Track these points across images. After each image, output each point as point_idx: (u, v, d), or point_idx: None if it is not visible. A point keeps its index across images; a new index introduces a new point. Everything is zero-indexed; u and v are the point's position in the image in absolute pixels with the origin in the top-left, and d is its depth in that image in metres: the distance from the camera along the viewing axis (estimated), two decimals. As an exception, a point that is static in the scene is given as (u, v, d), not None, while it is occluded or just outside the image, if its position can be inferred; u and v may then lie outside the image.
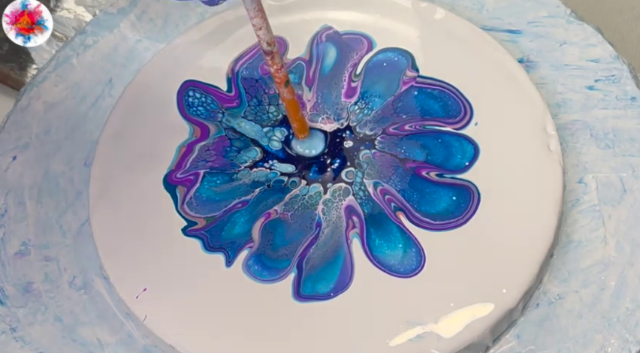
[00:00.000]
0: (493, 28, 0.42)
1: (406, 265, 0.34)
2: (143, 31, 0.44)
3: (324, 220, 0.36)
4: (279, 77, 0.36)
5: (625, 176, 0.37)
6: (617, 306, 0.34)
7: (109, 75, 0.43)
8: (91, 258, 0.37)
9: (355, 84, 0.40)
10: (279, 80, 0.36)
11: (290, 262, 0.35)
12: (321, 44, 0.42)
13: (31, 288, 0.37)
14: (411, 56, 0.40)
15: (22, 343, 0.35)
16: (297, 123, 0.38)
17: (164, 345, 0.34)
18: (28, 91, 0.42)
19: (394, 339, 0.33)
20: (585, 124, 0.39)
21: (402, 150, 0.38)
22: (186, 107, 0.40)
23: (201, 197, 0.37)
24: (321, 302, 0.34)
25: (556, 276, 0.35)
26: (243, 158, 0.39)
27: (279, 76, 0.36)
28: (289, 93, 0.37)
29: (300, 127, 0.38)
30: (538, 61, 0.41)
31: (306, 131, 0.39)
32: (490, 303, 0.33)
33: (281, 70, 0.36)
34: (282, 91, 0.36)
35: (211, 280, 0.35)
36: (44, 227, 0.38)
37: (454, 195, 0.36)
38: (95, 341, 0.35)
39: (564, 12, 0.42)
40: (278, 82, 0.36)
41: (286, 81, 0.36)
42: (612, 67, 0.40)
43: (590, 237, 0.36)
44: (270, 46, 0.34)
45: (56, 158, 0.40)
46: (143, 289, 0.35)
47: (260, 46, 0.35)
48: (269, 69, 0.36)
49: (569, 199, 0.37)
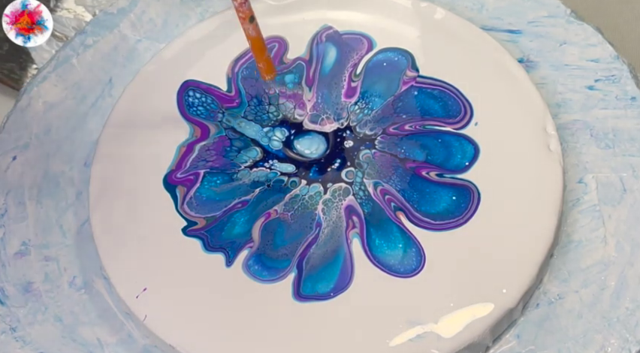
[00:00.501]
0: (493, 28, 0.42)
1: (406, 265, 0.34)
2: (143, 31, 0.44)
3: (324, 220, 0.36)
4: (243, 11, 0.34)
5: (625, 176, 0.37)
6: (617, 306, 0.34)
7: (109, 75, 0.43)
8: (91, 258, 0.37)
9: (355, 84, 0.40)
10: (243, 15, 0.34)
11: (290, 262, 0.35)
12: (321, 44, 0.42)
13: (31, 288, 0.37)
14: (411, 56, 0.40)
15: (22, 343, 0.35)
16: (262, 63, 0.37)
17: (164, 345, 0.34)
18: (28, 91, 0.42)
19: (394, 339, 0.33)
20: (585, 124, 0.39)
21: (402, 150, 0.38)
22: (186, 107, 0.40)
23: (201, 197, 0.37)
24: (321, 302, 0.34)
25: (556, 276, 0.35)
26: (243, 158, 0.39)
27: (242, 11, 0.34)
28: (254, 30, 0.35)
29: (266, 67, 0.37)
30: (538, 61, 0.41)
31: (273, 72, 0.37)
32: (490, 303, 0.33)
33: (245, 4, 0.34)
34: (247, 27, 0.35)
35: (211, 280, 0.35)
36: (44, 227, 0.38)
37: (454, 195, 0.36)
38: (95, 341, 0.35)
39: (564, 12, 0.42)
40: (242, 17, 0.35)
41: (251, 16, 0.35)
42: (612, 67, 0.40)
43: (590, 237, 0.36)
44: None
45: (56, 158, 0.40)
46: (143, 289, 0.35)
47: None
48: (233, 4, 0.34)
49: (569, 199, 0.37)
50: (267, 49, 0.36)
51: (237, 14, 0.35)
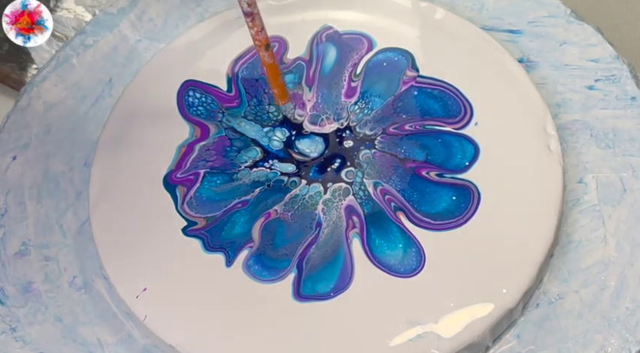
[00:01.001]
0: (493, 28, 0.42)
1: (406, 265, 0.34)
2: (143, 31, 0.44)
3: (324, 220, 0.36)
4: (259, 40, 0.35)
5: (625, 176, 0.37)
6: (617, 306, 0.34)
7: (109, 75, 0.43)
8: (91, 258, 0.37)
9: (355, 84, 0.40)
10: (259, 43, 0.35)
11: (290, 262, 0.35)
12: (321, 44, 0.42)
13: (31, 288, 0.37)
14: (411, 56, 0.40)
15: (22, 343, 0.35)
16: (277, 89, 0.37)
17: (164, 345, 0.34)
18: (28, 91, 0.42)
19: (394, 339, 0.33)
20: (585, 124, 0.39)
21: (402, 150, 0.38)
22: (186, 106, 0.40)
23: (201, 197, 0.37)
24: (321, 302, 0.34)
25: (556, 276, 0.35)
26: (243, 158, 0.39)
27: (259, 39, 0.35)
28: (270, 57, 0.36)
29: (280, 93, 0.38)
30: (538, 61, 0.41)
31: (287, 98, 0.38)
32: (490, 303, 0.33)
33: (261, 33, 0.35)
34: (263, 55, 0.36)
35: (211, 280, 0.35)
36: (44, 227, 0.38)
37: (454, 195, 0.36)
38: (95, 341, 0.35)
39: (564, 12, 0.42)
40: (258, 45, 0.35)
41: (267, 44, 0.35)
42: (612, 67, 0.40)
43: (590, 237, 0.36)
44: (251, 8, 0.34)
45: (56, 158, 0.40)
46: (143, 289, 0.35)
47: (240, 6, 0.34)
48: (250, 32, 0.35)
49: (569, 199, 0.37)
50: (282, 75, 0.37)
51: (254, 42, 0.36)
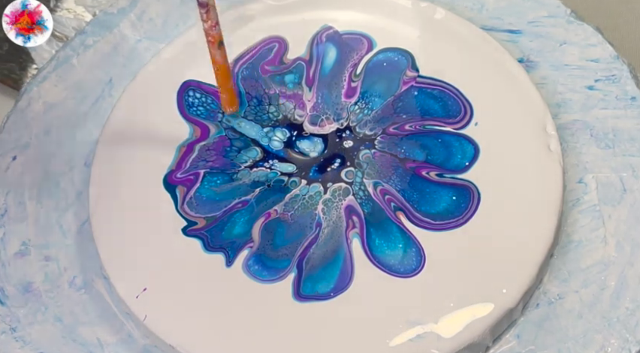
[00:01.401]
0: (493, 28, 0.42)
1: (406, 265, 0.34)
2: (143, 31, 0.44)
3: (324, 220, 0.36)
4: (212, 36, 0.34)
5: (625, 176, 0.37)
6: (617, 306, 0.34)
7: (109, 75, 0.43)
8: (91, 258, 0.37)
9: (355, 84, 0.40)
10: (212, 39, 0.34)
11: (290, 262, 0.35)
12: (321, 44, 0.41)
13: (31, 288, 0.37)
14: (411, 56, 0.40)
15: (22, 343, 0.35)
16: (226, 93, 0.35)
17: (164, 345, 0.34)
18: (28, 91, 0.42)
19: (394, 339, 0.33)
20: (585, 124, 0.39)
21: (402, 150, 0.38)
22: (186, 107, 0.40)
23: (201, 197, 0.37)
24: (321, 302, 0.34)
25: (556, 276, 0.35)
26: (243, 158, 0.39)
27: (212, 35, 0.33)
28: (221, 56, 0.34)
29: (229, 98, 0.36)
30: (538, 61, 0.41)
31: (235, 104, 0.36)
32: (490, 303, 0.33)
33: (215, 28, 0.33)
34: (215, 53, 0.34)
35: (211, 280, 0.35)
36: (44, 227, 0.38)
37: (454, 195, 0.36)
38: (95, 341, 0.35)
39: (564, 12, 0.42)
40: (211, 41, 0.34)
41: (220, 41, 0.34)
42: (612, 67, 0.40)
43: (590, 237, 0.36)
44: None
45: (56, 158, 0.40)
46: (143, 289, 0.35)
47: None
48: (203, 25, 0.33)
49: (569, 199, 0.37)
50: (232, 79, 0.35)
51: (206, 38, 0.34)
